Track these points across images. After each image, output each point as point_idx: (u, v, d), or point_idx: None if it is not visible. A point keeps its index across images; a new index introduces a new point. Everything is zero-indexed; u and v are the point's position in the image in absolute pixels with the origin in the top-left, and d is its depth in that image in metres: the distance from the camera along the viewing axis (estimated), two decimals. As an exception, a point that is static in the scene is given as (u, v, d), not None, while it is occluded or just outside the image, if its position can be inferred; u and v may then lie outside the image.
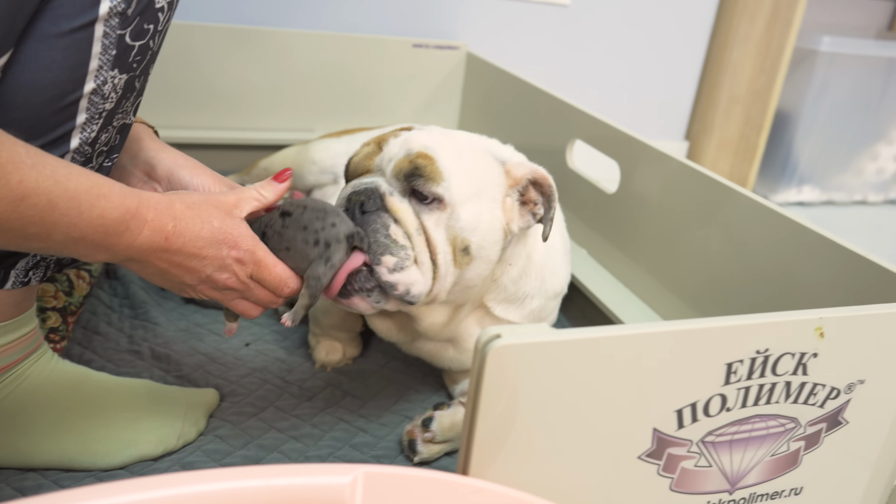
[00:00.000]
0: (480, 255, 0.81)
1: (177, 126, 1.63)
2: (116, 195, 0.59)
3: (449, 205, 0.78)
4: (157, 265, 0.65)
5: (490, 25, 1.89)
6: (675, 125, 2.22)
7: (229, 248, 0.68)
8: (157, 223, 0.63)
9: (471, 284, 0.83)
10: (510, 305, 0.91)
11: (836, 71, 2.07)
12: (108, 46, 0.62)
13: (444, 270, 0.78)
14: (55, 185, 0.55)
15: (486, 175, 0.82)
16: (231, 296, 0.72)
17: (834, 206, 2.28)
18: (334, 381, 1.02)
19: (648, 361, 0.56)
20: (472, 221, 0.79)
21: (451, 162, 0.79)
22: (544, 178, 0.83)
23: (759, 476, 0.66)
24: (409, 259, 0.76)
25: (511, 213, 0.83)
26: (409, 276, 0.76)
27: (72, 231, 0.57)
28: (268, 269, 0.71)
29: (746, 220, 0.92)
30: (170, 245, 0.64)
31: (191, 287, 0.70)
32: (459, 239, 0.79)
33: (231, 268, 0.69)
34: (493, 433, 0.53)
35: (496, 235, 0.82)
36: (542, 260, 0.92)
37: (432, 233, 0.78)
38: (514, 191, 0.84)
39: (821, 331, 0.60)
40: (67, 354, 0.98)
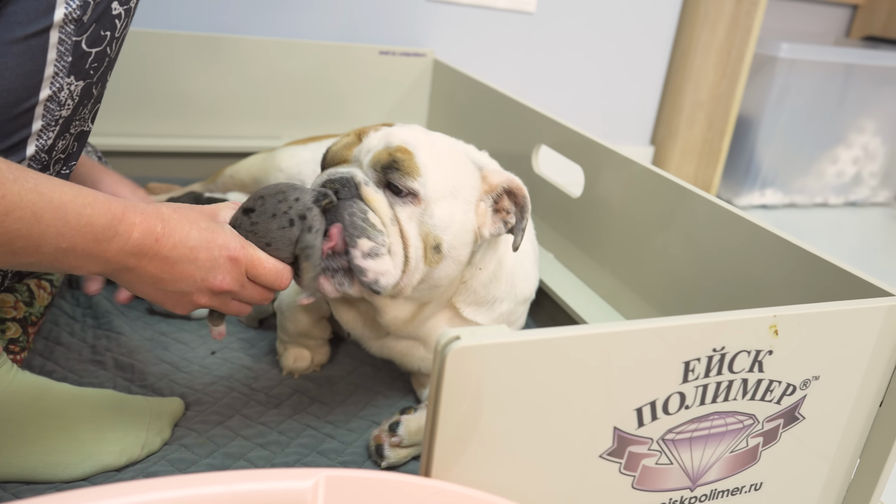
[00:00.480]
0: (451, 254, 0.81)
1: (142, 134, 1.61)
2: (101, 202, 0.59)
3: (423, 200, 0.79)
4: (151, 271, 0.64)
5: (456, 33, 1.91)
6: (640, 131, 2.25)
7: (220, 249, 0.68)
8: (145, 226, 0.62)
9: (438, 284, 0.83)
10: (479, 308, 0.92)
11: (796, 76, 2.12)
12: (63, 53, 0.61)
13: (414, 265, 0.79)
14: (39, 197, 0.54)
15: (462, 177, 0.83)
16: (226, 299, 0.72)
17: (796, 208, 2.33)
18: (302, 388, 1.01)
19: (608, 361, 0.56)
20: (445, 220, 0.80)
21: (430, 159, 0.80)
22: (519, 188, 0.85)
23: (720, 472, 0.67)
24: (385, 246, 0.76)
25: (483, 218, 0.84)
26: (381, 264, 0.76)
27: (61, 241, 0.57)
28: (262, 265, 0.71)
29: (705, 223, 0.93)
30: (161, 247, 0.64)
31: (188, 294, 0.69)
32: (432, 236, 0.79)
33: (225, 267, 0.69)
34: (454, 435, 0.53)
35: (467, 238, 0.83)
36: (512, 266, 0.93)
37: (405, 225, 0.78)
38: (488, 197, 0.85)
39: (775, 328, 0.62)
40: (28, 366, 0.96)
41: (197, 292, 0.69)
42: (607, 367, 0.57)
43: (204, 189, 1.40)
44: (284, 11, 1.72)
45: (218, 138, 1.67)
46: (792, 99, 2.14)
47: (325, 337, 1.06)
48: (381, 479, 0.51)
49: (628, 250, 1.09)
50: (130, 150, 1.58)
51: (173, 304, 0.70)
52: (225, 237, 0.69)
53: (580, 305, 1.13)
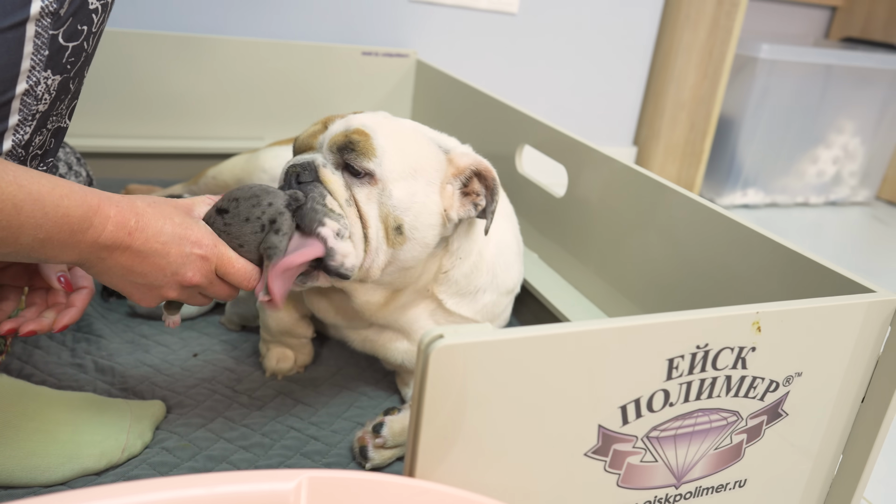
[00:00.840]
0: (414, 236, 0.81)
1: (123, 135, 1.59)
2: (77, 194, 0.60)
3: (381, 181, 0.79)
4: (123, 263, 0.65)
5: (439, 33, 1.90)
6: (623, 131, 2.26)
7: (192, 245, 0.69)
8: (119, 219, 0.63)
9: (406, 266, 0.83)
10: (462, 300, 0.92)
11: (776, 77, 2.13)
12: (40, 47, 0.60)
13: (374, 245, 0.79)
14: (18, 189, 0.55)
15: (423, 158, 0.83)
16: (193, 293, 0.73)
17: (777, 208, 2.35)
18: (285, 390, 1.00)
19: (592, 358, 0.56)
20: (404, 200, 0.80)
21: (387, 141, 0.81)
22: (488, 170, 0.85)
23: (704, 469, 0.67)
24: (347, 229, 0.77)
25: (450, 201, 0.84)
26: (345, 246, 0.77)
27: (38, 232, 0.58)
28: (231, 264, 0.73)
29: (687, 220, 0.94)
30: (133, 240, 0.64)
31: (157, 288, 0.70)
32: (392, 217, 0.80)
33: (196, 264, 0.70)
34: (438, 434, 0.53)
35: (432, 220, 0.82)
36: (493, 256, 0.94)
37: (363, 206, 0.79)
38: (456, 180, 0.85)
39: (758, 325, 0.62)
40: (6, 369, 0.94)
41: (166, 286, 0.70)
42: (592, 365, 0.57)
43: (185, 191, 1.39)
44: (267, 12, 1.71)
45: (200, 139, 1.65)
46: (772, 99, 2.16)
47: (308, 335, 1.05)
48: (365, 479, 0.51)
49: (612, 249, 1.09)
50: (112, 151, 1.56)
51: (141, 297, 0.71)
52: (197, 234, 0.70)
53: (564, 305, 1.13)
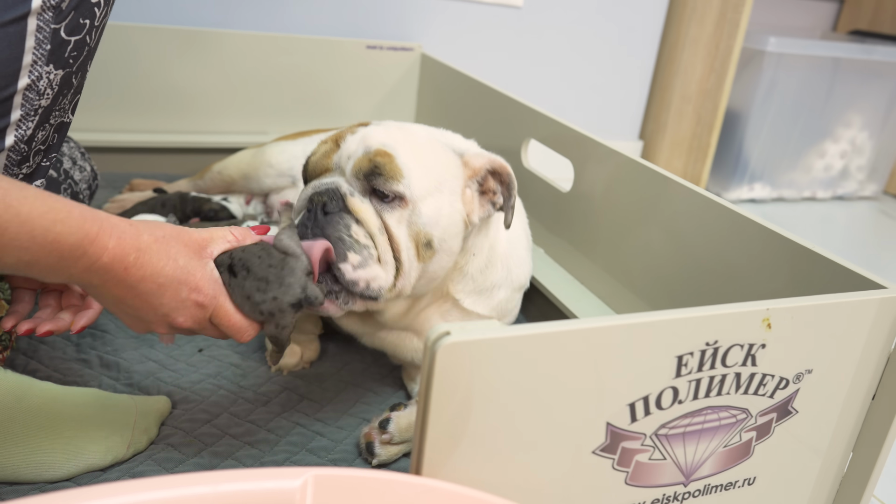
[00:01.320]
0: (443, 247, 0.81)
1: (129, 130, 1.59)
2: (75, 219, 0.57)
3: (410, 202, 0.78)
4: (115, 293, 0.63)
5: (444, 26, 1.89)
6: (629, 125, 2.25)
7: (190, 291, 0.66)
8: (118, 252, 0.60)
9: (434, 277, 0.84)
10: (479, 297, 0.92)
11: (784, 71, 2.12)
12: (42, 41, 0.60)
13: (407, 267, 0.79)
14: (5, 209, 0.53)
15: (444, 168, 0.82)
16: (185, 333, 0.71)
17: (784, 202, 2.33)
18: (291, 385, 1.00)
19: (600, 356, 0.56)
20: (433, 216, 0.79)
21: (410, 158, 0.79)
22: (502, 166, 0.84)
23: (713, 467, 0.66)
24: (373, 258, 0.76)
25: (471, 204, 0.84)
26: (369, 271, 0.76)
27: (23, 255, 0.55)
28: (227, 317, 0.69)
29: (694, 214, 0.93)
30: (129, 276, 0.61)
31: (146, 322, 0.67)
32: (422, 234, 0.79)
33: (190, 311, 0.67)
34: (445, 431, 0.52)
35: (457, 228, 0.82)
36: (505, 251, 0.93)
37: (395, 231, 0.78)
38: (473, 181, 0.84)
39: (768, 322, 0.61)
40: (11, 365, 0.94)
41: (156, 323, 0.67)
42: (600, 362, 0.56)
43: (191, 185, 1.38)
44: (271, 6, 1.71)
45: (205, 134, 1.65)
46: (780, 93, 2.15)
47: (315, 332, 1.05)
48: (371, 477, 0.50)
49: (618, 244, 1.09)
50: (116, 145, 1.56)
51: (130, 323, 0.68)
52: (199, 279, 0.66)
53: (571, 300, 1.13)
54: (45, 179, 0.74)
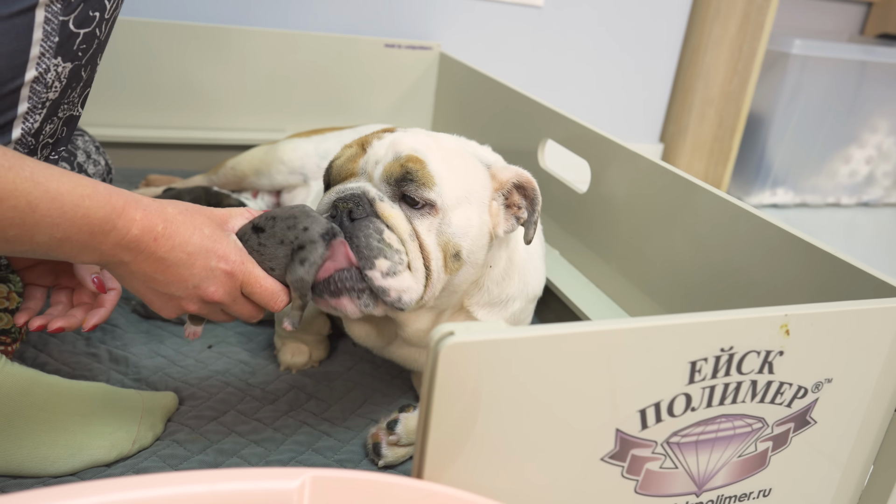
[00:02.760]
0: (470, 259, 0.79)
1: (143, 125, 1.60)
2: (101, 194, 0.58)
3: (441, 210, 0.76)
4: (145, 269, 0.63)
5: (463, 26, 1.88)
6: (649, 128, 2.22)
7: (218, 259, 0.66)
8: (146, 223, 0.61)
9: (457, 289, 0.82)
10: (493, 309, 0.89)
11: (809, 74, 2.08)
12: (50, 33, 0.59)
13: (436, 277, 0.77)
14: (34, 186, 0.54)
15: (473, 179, 0.80)
16: (215, 309, 0.70)
17: (807, 208, 2.29)
18: (299, 384, 0.99)
19: (610, 359, 0.54)
20: (463, 227, 0.78)
21: (442, 166, 0.77)
22: (529, 181, 0.83)
23: (727, 477, 0.64)
24: (403, 264, 0.74)
25: (497, 217, 0.82)
26: (401, 281, 0.73)
27: (55, 231, 0.56)
28: (258, 283, 0.69)
29: (714, 219, 0.91)
30: (158, 247, 0.62)
31: (177, 299, 0.67)
32: (451, 244, 0.77)
33: (220, 279, 0.67)
34: (448, 435, 0.51)
35: (484, 240, 0.81)
36: (522, 262, 0.91)
37: (425, 238, 0.76)
38: (499, 194, 0.83)
39: (786, 328, 0.59)
40: (20, 357, 0.94)
41: (187, 299, 0.67)
42: (609, 365, 0.54)
43: (206, 181, 1.38)
44: (289, 3, 1.70)
45: (221, 130, 1.65)
46: (804, 97, 2.11)
47: (323, 333, 1.04)
48: (370, 480, 0.49)
49: (635, 247, 1.07)
50: (132, 141, 1.56)
51: (161, 306, 0.68)
52: (225, 248, 0.67)
53: (585, 303, 1.11)
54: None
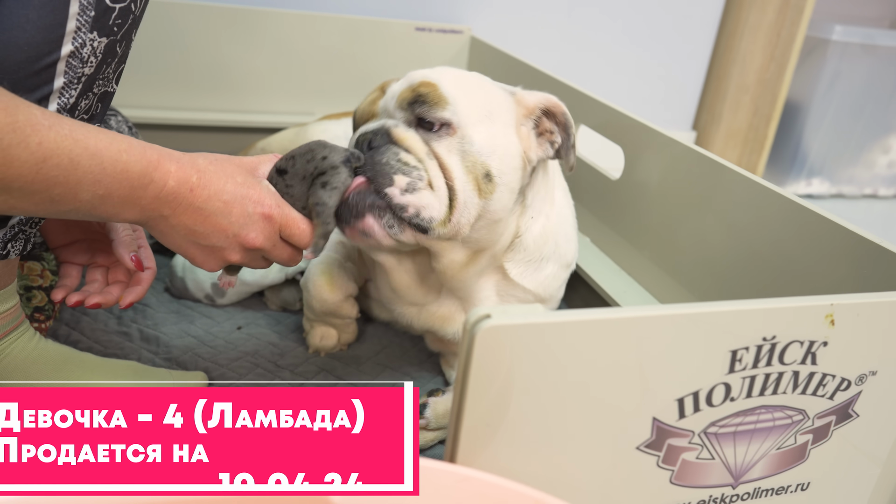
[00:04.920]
0: (503, 180, 0.78)
1: (175, 107, 1.60)
2: (136, 149, 0.59)
3: (459, 128, 0.76)
4: (185, 222, 0.64)
5: (494, 9, 1.86)
6: (682, 115, 2.19)
7: (255, 205, 0.67)
8: (180, 174, 0.61)
9: (495, 217, 0.80)
10: (527, 268, 0.89)
11: (849, 61, 2.03)
12: (86, 7, 0.59)
13: (463, 198, 0.76)
14: (75, 143, 0.54)
15: (494, 100, 0.80)
16: (256, 256, 0.71)
17: (844, 199, 2.24)
18: (328, 367, 0.99)
19: (648, 347, 0.53)
20: (487, 144, 0.77)
21: (455, 88, 0.78)
22: (556, 105, 0.83)
23: (765, 470, 0.63)
24: (423, 181, 0.74)
25: (528, 141, 0.82)
26: (420, 198, 0.73)
27: (97, 188, 0.57)
28: (296, 224, 0.70)
29: (751, 205, 0.89)
30: (195, 198, 0.63)
31: (220, 250, 0.67)
32: (479, 164, 0.76)
33: (258, 224, 0.67)
34: (482, 420, 0.50)
35: (515, 162, 0.80)
36: (556, 225, 0.91)
37: (445, 159, 0.76)
38: (528, 120, 0.83)
39: (831, 318, 0.57)
40: (54, 334, 0.95)
41: (229, 248, 0.67)
42: (648, 353, 0.53)
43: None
44: (321, -15, 1.69)
45: (251, 113, 1.65)
46: (843, 84, 2.06)
47: (351, 316, 1.04)
48: (404, 463, 0.49)
49: (668, 235, 1.05)
50: (163, 122, 1.57)
51: (203, 260, 0.68)
52: (260, 193, 0.68)
53: (616, 290, 1.09)
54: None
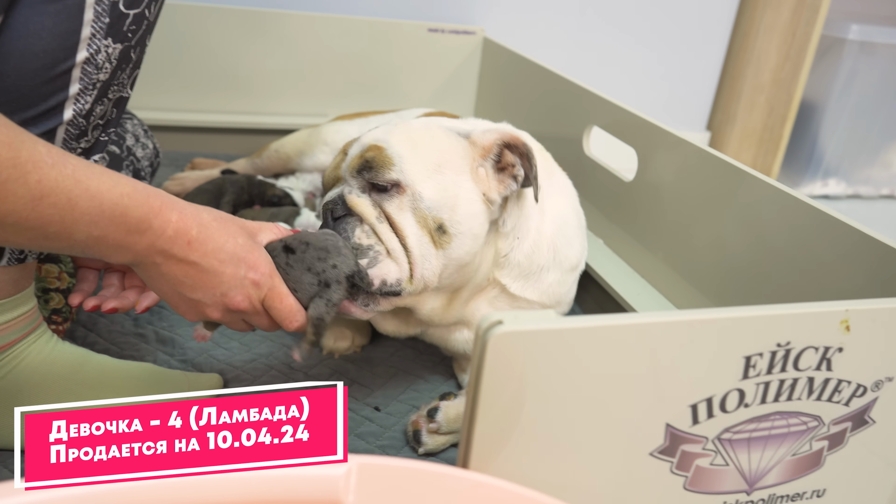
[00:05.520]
0: (459, 230, 0.79)
1: (189, 109, 1.61)
2: (140, 194, 0.59)
3: (407, 186, 0.77)
4: (175, 273, 0.64)
5: (507, 10, 1.86)
6: (696, 115, 2.17)
7: (248, 269, 0.67)
8: (181, 225, 0.62)
9: (461, 263, 0.81)
10: (526, 282, 0.89)
11: (865, 60, 2.01)
12: (100, 14, 0.60)
13: (419, 252, 0.77)
14: (75, 184, 0.55)
15: (444, 150, 0.81)
16: (236, 318, 0.71)
17: (860, 200, 2.22)
18: (341, 369, 1.00)
19: (661, 352, 0.53)
20: (437, 198, 0.78)
21: (402, 146, 0.79)
22: (514, 138, 0.82)
23: (779, 476, 0.63)
24: (381, 253, 0.76)
25: (487, 182, 0.82)
26: (380, 268, 0.76)
27: (93, 230, 0.57)
28: (280, 300, 0.70)
29: (767, 208, 0.88)
30: (192, 251, 0.63)
31: (202, 305, 0.68)
32: (430, 218, 0.78)
33: (246, 289, 0.68)
34: (495, 425, 0.50)
35: (473, 208, 0.80)
36: (552, 232, 0.90)
37: (397, 218, 0.77)
38: (486, 160, 0.82)
39: (847, 324, 0.57)
40: (71, 336, 0.96)
41: (212, 306, 0.68)
42: (660, 359, 0.53)
43: (249, 163, 1.39)
44: (334, -13, 1.70)
45: (265, 114, 1.66)
46: (860, 84, 2.04)
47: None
48: (417, 468, 0.49)
49: (682, 237, 1.04)
50: (177, 124, 1.58)
51: (185, 310, 0.69)
52: (256, 258, 0.68)
53: (630, 294, 1.09)
54: (105, 154, 0.74)
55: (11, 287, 0.73)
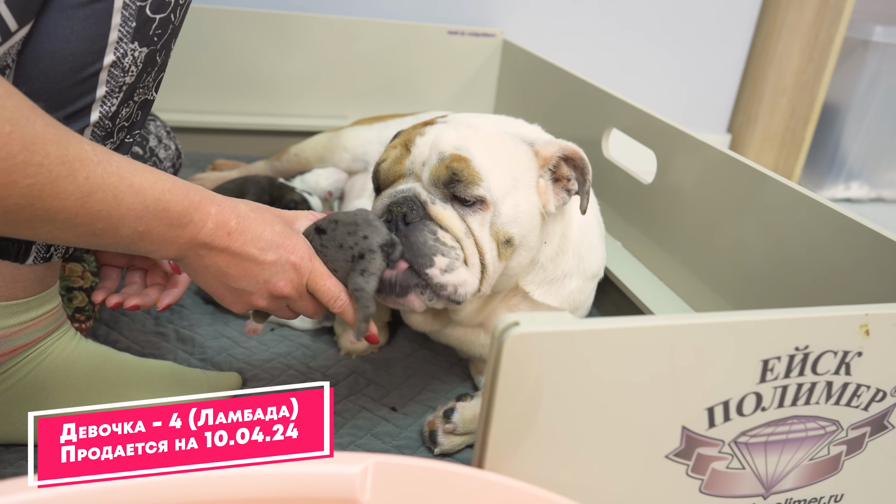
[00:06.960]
0: (523, 244, 0.80)
1: (210, 111, 1.63)
2: (180, 189, 0.61)
3: (491, 204, 0.77)
4: (218, 264, 0.65)
5: (527, 12, 1.86)
6: (717, 117, 2.16)
7: (287, 254, 0.68)
8: (220, 218, 0.63)
9: (514, 273, 0.83)
10: (549, 288, 0.89)
11: (889, 62, 1.98)
12: (127, 18, 0.61)
13: (492, 269, 0.79)
14: (120, 180, 0.56)
15: (518, 163, 0.81)
16: (282, 304, 0.72)
17: (883, 203, 2.20)
18: (359, 369, 1.00)
19: (678, 355, 0.53)
20: (512, 214, 0.78)
21: (486, 159, 0.78)
22: (574, 152, 0.82)
23: (797, 481, 0.62)
24: (460, 259, 0.76)
25: (546, 195, 0.82)
26: (458, 276, 0.76)
27: (138, 224, 0.58)
28: (322, 280, 0.71)
29: (787, 212, 0.87)
30: (232, 242, 0.64)
31: (248, 294, 0.69)
32: (502, 233, 0.78)
33: (288, 274, 0.69)
34: (510, 426, 0.51)
35: (535, 221, 0.81)
36: (577, 238, 0.91)
37: (478, 234, 0.77)
38: (545, 171, 0.83)
39: (866, 328, 0.56)
40: (93, 334, 0.98)
41: (257, 293, 0.69)
42: (676, 361, 0.53)
43: (269, 166, 1.40)
44: (354, -10, 1.71)
45: (285, 117, 1.67)
46: (883, 86, 2.01)
47: (383, 320, 1.05)
48: (432, 468, 0.49)
49: (701, 240, 1.04)
50: (198, 126, 1.60)
51: (231, 301, 0.70)
52: (295, 243, 0.69)
53: (648, 296, 1.09)
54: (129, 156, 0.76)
55: (37, 285, 0.74)
